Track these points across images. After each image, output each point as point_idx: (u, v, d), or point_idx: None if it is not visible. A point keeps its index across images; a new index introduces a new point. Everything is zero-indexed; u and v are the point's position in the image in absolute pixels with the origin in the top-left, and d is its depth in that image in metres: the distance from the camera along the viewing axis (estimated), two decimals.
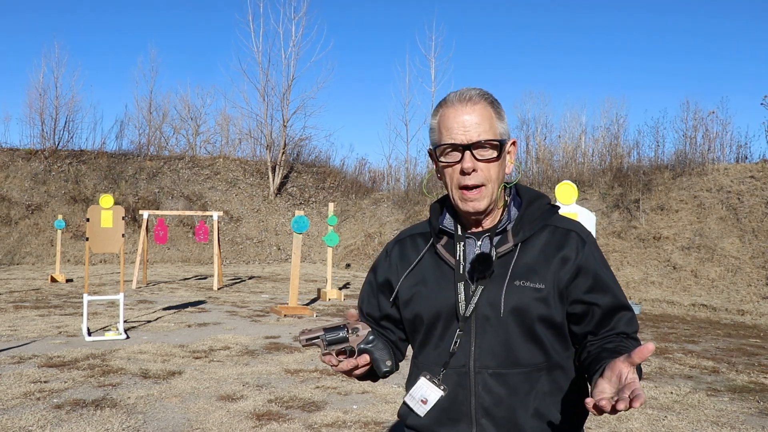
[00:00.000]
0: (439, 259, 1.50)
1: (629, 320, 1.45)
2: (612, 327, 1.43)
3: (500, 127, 1.44)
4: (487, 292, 1.42)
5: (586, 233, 1.49)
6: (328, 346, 1.40)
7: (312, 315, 9.82)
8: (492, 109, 1.44)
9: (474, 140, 1.40)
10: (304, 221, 10.27)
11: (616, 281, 1.48)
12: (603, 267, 1.46)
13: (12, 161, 23.66)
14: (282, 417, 4.55)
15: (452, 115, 1.42)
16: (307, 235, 23.99)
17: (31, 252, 20.80)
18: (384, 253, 1.64)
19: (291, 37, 27.61)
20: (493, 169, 1.42)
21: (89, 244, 7.83)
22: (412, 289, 1.52)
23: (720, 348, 7.71)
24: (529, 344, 1.41)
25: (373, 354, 1.39)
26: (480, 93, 1.45)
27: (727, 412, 4.88)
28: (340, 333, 1.41)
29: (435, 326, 1.47)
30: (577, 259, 1.43)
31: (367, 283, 1.65)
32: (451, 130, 1.41)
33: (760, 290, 11.84)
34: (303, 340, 1.41)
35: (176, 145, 29.77)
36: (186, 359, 6.43)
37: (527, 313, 1.39)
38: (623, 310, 1.45)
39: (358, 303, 1.68)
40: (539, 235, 1.47)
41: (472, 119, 1.41)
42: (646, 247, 14.76)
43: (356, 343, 1.41)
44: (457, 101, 1.43)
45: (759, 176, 14.74)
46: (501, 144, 1.43)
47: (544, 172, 20.69)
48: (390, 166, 34.55)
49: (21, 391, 5.04)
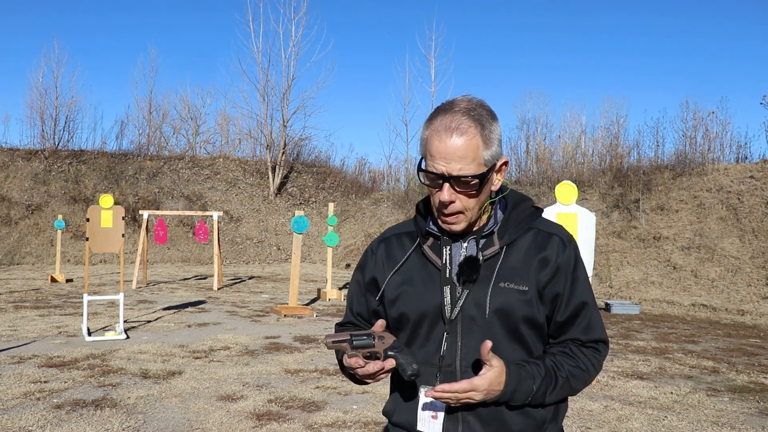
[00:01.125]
0: (426, 260, 1.52)
1: (587, 326, 1.48)
2: (570, 332, 1.48)
3: (487, 154, 1.40)
4: (473, 294, 1.44)
5: (568, 237, 1.52)
6: (355, 349, 1.42)
7: (312, 315, 9.82)
8: (480, 137, 1.39)
9: (454, 174, 1.38)
10: (304, 221, 10.27)
11: (588, 285, 1.51)
12: (577, 271, 1.49)
13: (12, 161, 23.67)
14: (282, 417, 4.56)
15: (437, 142, 1.39)
16: (307, 235, 23.99)
17: (31, 252, 20.80)
18: (369, 251, 1.64)
19: (291, 37, 27.65)
20: (472, 200, 1.43)
21: (89, 244, 7.83)
22: (398, 289, 1.53)
23: (720, 348, 7.71)
24: (513, 344, 1.45)
25: (399, 359, 1.42)
26: (469, 119, 1.38)
27: (727, 412, 4.88)
28: (367, 339, 1.44)
29: (421, 326, 1.49)
30: (557, 261, 1.47)
31: (355, 283, 1.66)
32: (434, 158, 1.39)
33: (760, 290, 11.84)
34: (329, 342, 1.43)
35: (176, 145, 29.82)
36: (186, 359, 6.43)
37: (511, 313, 1.43)
38: (584, 314, 1.48)
39: (347, 303, 1.69)
40: (523, 237, 1.50)
41: (456, 152, 1.37)
42: (646, 247, 14.76)
43: (382, 348, 1.44)
44: (443, 130, 1.38)
45: (759, 176, 14.74)
46: (483, 176, 1.40)
47: (544, 172, 20.69)
48: (390, 166, 34.53)
49: (21, 391, 5.04)
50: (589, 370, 1.47)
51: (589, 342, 1.48)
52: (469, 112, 1.39)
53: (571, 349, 1.47)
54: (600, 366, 1.50)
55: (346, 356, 1.43)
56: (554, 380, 1.42)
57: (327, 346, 1.43)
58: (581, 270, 1.50)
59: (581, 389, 1.49)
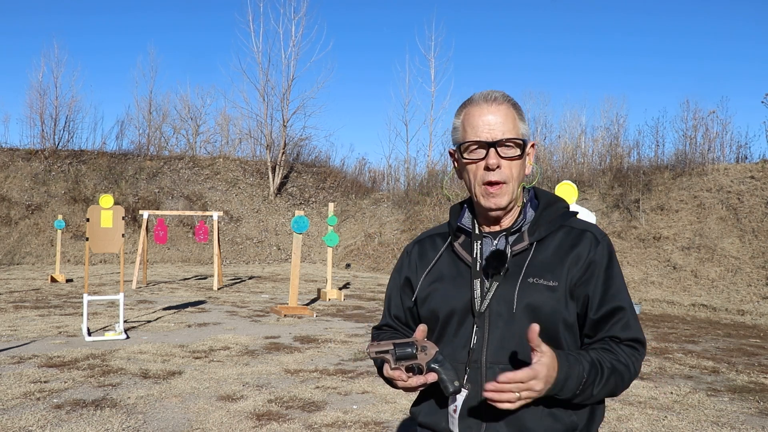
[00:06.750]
0: (456, 258, 1.54)
1: (625, 325, 1.44)
2: (607, 330, 1.44)
3: (522, 127, 1.49)
4: (501, 289, 1.44)
5: (601, 234, 1.50)
6: (397, 361, 1.41)
7: (312, 315, 9.82)
8: (515, 110, 1.49)
9: (498, 138, 1.44)
10: (304, 221, 10.27)
11: (623, 284, 1.47)
12: (612, 268, 1.46)
13: (12, 161, 23.66)
14: (282, 417, 4.55)
15: (477, 113, 1.47)
16: (307, 235, 23.99)
17: (31, 252, 20.79)
18: (405, 254, 1.68)
19: (291, 37, 27.65)
20: (515, 168, 1.47)
21: (89, 244, 7.83)
22: (428, 287, 1.55)
23: (720, 348, 7.71)
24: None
25: (441, 374, 1.40)
26: (503, 95, 1.50)
27: (727, 412, 4.88)
28: (409, 349, 1.42)
29: (450, 323, 1.49)
30: (589, 257, 1.45)
31: (392, 285, 1.68)
32: (477, 128, 1.46)
33: (760, 290, 11.84)
34: (372, 353, 1.42)
35: (176, 145, 29.81)
36: (186, 359, 6.43)
37: (540, 310, 1.41)
38: (621, 314, 1.44)
39: (384, 305, 1.70)
40: (555, 235, 1.49)
41: (497, 118, 1.45)
42: (646, 247, 14.76)
43: (425, 361, 1.42)
44: (482, 101, 1.48)
45: (759, 176, 14.73)
46: (524, 143, 1.48)
47: (544, 172, 20.69)
48: (390, 166, 34.61)
49: (21, 391, 5.04)
50: (629, 366, 1.40)
51: (628, 340, 1.43)
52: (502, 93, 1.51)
53: (611, 345, 1.42)
54: (639, 367, 1.44)
55: (388, 367, 1.41)
56: (600, 371, 1.35)
57: (370, 356, 1.42)
58: (616, 267, 1.47)
59: (623, 389, 1.42)
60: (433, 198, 22.30)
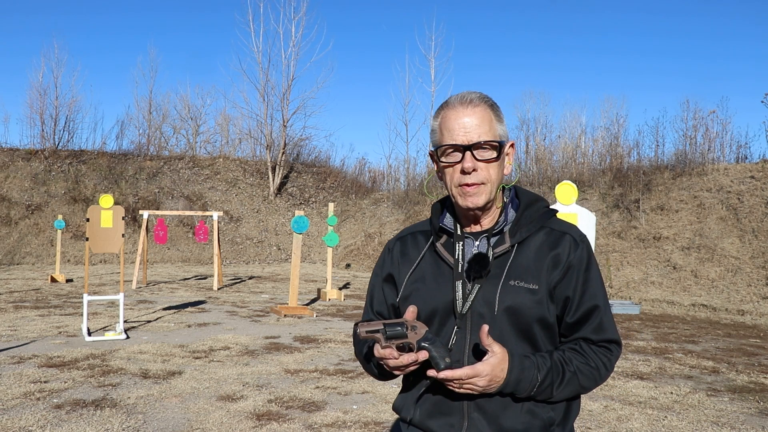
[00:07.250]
0: (438, 258, 1.55)
1: (599, 326, 1.47)
2: (581, 331, 1.48)
3: (499, 129, 1.49)
4: (483, 291, 1.46)
5: (581, 236, 1.52)
6: (388, 339, 1.43)
7: (312, 315, 9.82)
8: (492, 112, 1.48)
9: (474, 141, 1.44)
10: (304, 221, 10.27)
11: (601, 285, 1.50)
12: (590, 271, 1.49)
13: (12, 161, 23.66)
14: (282, 417, 4.56)
15: (453, 116, 1.47)
16: (307, 235, 23.99)
17: (31, 252, 20.79)
18: (386, 251, 1.68)
19: (291, 37, 27.65)
20: (492, 169, 1.47)
21: (89, 244, 7.83)
22: (411, 286, 1.56)
23: (720, 348, 7.71)
24: (521, 342, 1.45)
25: (432, 351, 1.42)
26: (480, 96, 1.49)
27: (727, 412, 4.88)
28: (399, 328, 1.44)
29: (431, 323, 1.50)
30: (569, 260, 1.47)
31: (374, 281, 1.68)
32: (453, 131, 1.46)
33: (760, 290, 11.84)
34: (363, 332, 1.43)
35: (176, 145, 29.82)
36: (186, 359, 6.43)
37: (521, 312, 1.43)
38: (596, 314, 1.47)
39: (366, 301, 1.71)
40: (535, 236, 1.51)
41: (473, 121, 1.45)
42: (646, 247, 14.76)
43: (415, 339, 1.44)
44: (458, 103, 1.48)
45: (759, 176, 14.73)
46: (500, 145, 1.47)
47: (544, 173, 20.68)
48: (390, 166, 34.58)
49: (21, 391, 5.04)
50: (599, 368, 1.46)
51: (601, 341, 1.48)
52: (478, 94, 1.51)
53: (582, 346, 1.47)
54: (612, 366, 1.49)
55: (378, 347, 1.42)
56: (561, 374, 1.41)
57: (360, 336, 1.43)
58: (594, 270, 1.49)
59: (592, 388, 1.48)
60: (434, 198, 22.31)
